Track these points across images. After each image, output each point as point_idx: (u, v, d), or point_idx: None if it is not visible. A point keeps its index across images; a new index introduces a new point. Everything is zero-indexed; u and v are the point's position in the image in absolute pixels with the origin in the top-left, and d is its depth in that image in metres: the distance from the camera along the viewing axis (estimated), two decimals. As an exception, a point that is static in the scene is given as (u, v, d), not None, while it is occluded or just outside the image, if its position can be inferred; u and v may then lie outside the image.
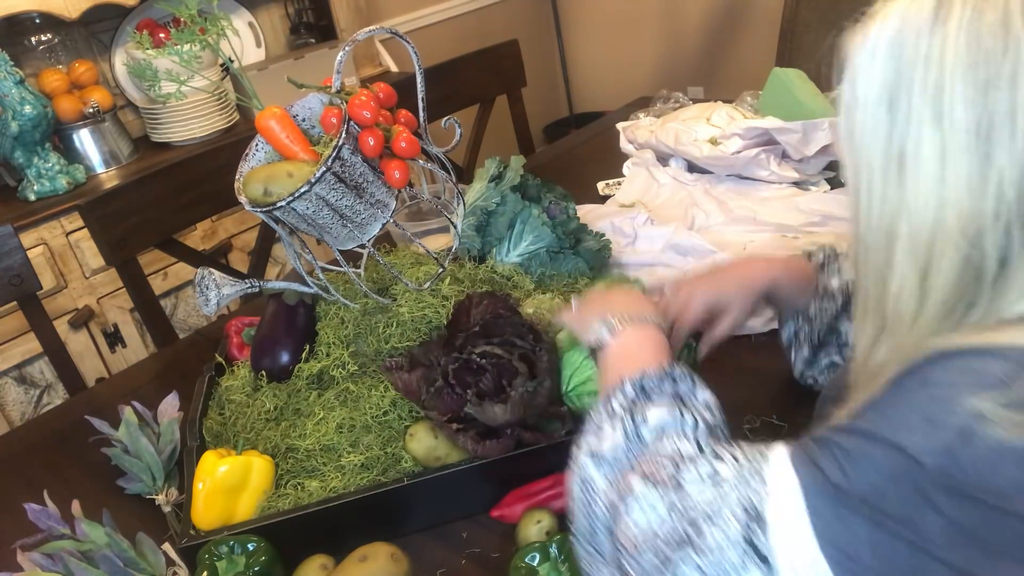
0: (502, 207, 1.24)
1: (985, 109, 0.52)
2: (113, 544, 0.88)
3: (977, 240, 0.53)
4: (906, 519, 0.50)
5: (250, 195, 0.94)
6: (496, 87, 2.14)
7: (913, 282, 0.57)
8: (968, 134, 0.52)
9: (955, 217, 0.53)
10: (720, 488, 0.58)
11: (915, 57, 0.54)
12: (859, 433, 0.54)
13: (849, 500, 0.52)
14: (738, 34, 3.31)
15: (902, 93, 0.55)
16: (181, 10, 0.99)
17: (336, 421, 0.98)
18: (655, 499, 0.60)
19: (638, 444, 0.66)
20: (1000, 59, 0.51)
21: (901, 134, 0.55)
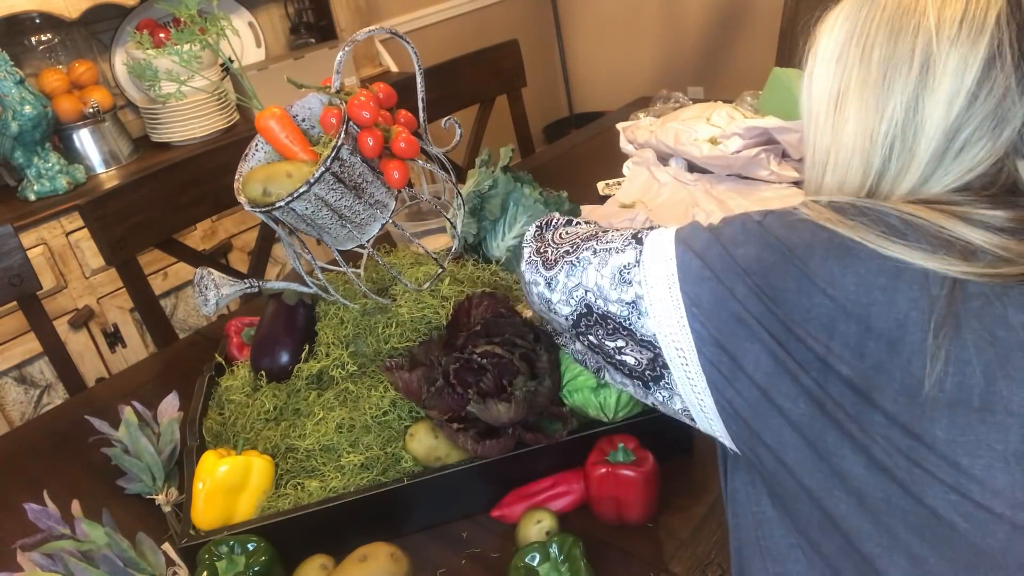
0: (494, 189, 1.24)
1: (894, 51, 0.63)
2: (113, 544, 0.88)
3: (870, 154, 0.65)
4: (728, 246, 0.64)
5: (249, 195, 0.94)
6: (496, 87, 2.14)
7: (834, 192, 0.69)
8: (878, 71, 0.64)
9: (860, 140, 0.66)
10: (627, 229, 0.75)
11: (858, 18, 0.66)
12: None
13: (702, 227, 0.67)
14: (738, 34, 3.31)
15: (845, 48, 0.67)
16: (181, 10, 0.99)
17: (336, 421, 0.98)
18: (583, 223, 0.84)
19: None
20: (911, 15, 0.63)
21: (839, 80, 0.67)
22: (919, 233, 0.59)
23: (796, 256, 0.60)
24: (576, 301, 0.72)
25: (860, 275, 0.58)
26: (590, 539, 0.84)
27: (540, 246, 0.80)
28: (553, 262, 0.75)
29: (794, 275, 0.60)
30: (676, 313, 0.64)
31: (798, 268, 0.60)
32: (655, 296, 0.66)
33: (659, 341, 0.66)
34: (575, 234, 0.78)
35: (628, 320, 0.68)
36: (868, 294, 0.57)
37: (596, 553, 0.84)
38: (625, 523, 0.87)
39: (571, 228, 0.82)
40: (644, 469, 0.85)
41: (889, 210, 0.61)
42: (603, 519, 0.88)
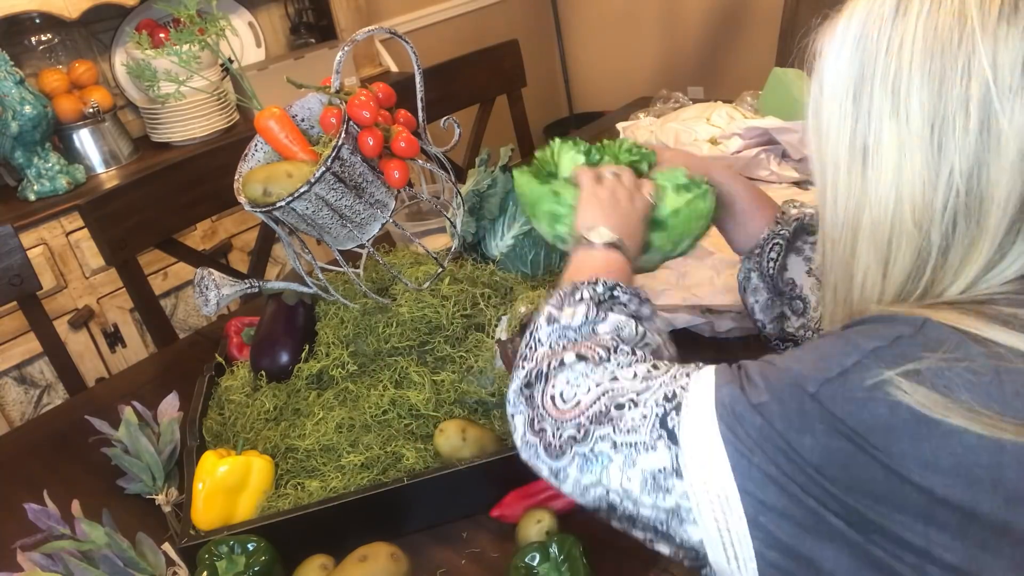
0: (493, 188, 1.24)
1: (940, 100, 0.53)
2: (113, 544, 0.88)
3: (927, 231, 0.55)
4: (786, 434, 0.54)
5: (249, 195, 0.94)
6: (496, 87, 2.14)
7: (876, 271, 0.59)
8: (923, 126, 0.54)
9: (910, 209, 0.56)
10: (650, 382, 0.62)
11: (877, 50, 0.56)
12: (766, 363, 0.59)
13: (748, 403, 0.56)
14: (738, 34, 3.31)
15: (865, 86, 0.56)
16: (180, 10, 0.99)
17: (335, 421, 0.98)
18: (582, 371, 0.66)
19: (590, 332, 0.71)
20: (956, 50, 0.52)
21: (864, 127, 0.57)
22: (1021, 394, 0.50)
23: (875, 446, 0.51)
24: (594, 498, 0.62)
25: (957, 456, 0.49)
26: (590, 539, 0.84)
27: (532, 416, 0.67)
28: (559, 450, 0.63)
29: (878, 466, 0.51)
30: (735, 523, 0.55)
31: (881, 459, 0.51)
32: (704, 507, 0.56)
33: (706, 547, 0.57)
34: (576, 404, 0.64)
35: (666, 525, 0.59)
36: (969, 475, 0.49)
37: (596, 553, 0.84)
38: (625, 523, 0.87)
39: (564, 381, 0.66)
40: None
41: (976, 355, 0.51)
42: (603, 519, 0.88)
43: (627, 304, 0.74)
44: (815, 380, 0.54)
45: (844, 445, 0.52)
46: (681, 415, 0.58)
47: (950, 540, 0.50)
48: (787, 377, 0.55)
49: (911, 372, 0.51)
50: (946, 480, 0.49)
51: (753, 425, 0.55)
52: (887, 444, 0.51)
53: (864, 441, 0.51)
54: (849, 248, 0.60)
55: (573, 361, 0.67)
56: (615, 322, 0.71)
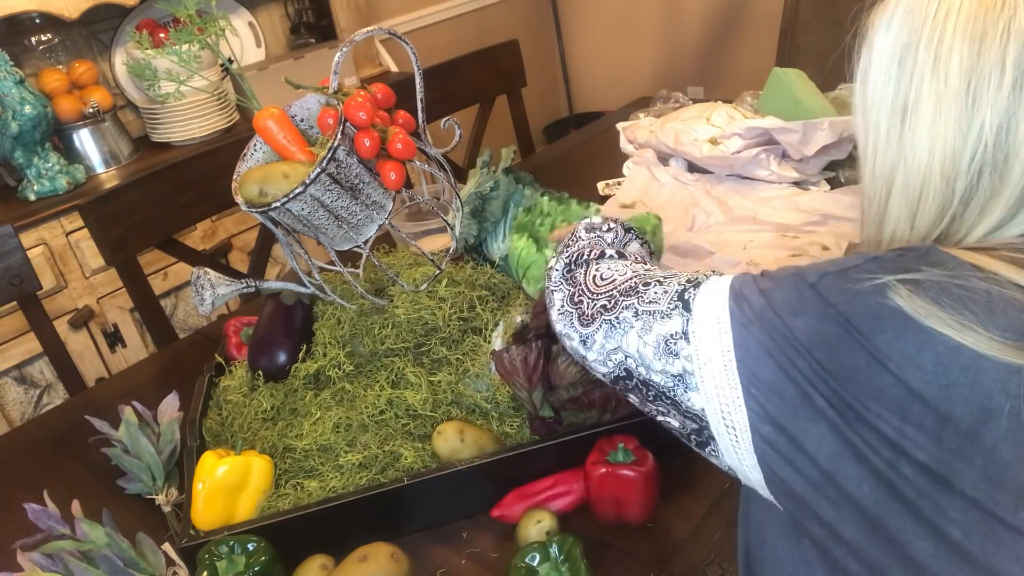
0: (495, 191, 1.24)
1: (978, 59, 0.55)
2: (113, 544, 0.88)
3: (953, 182, 0.58)
4: (782, 314, 0.58)
5: (246, 195, 0.94)
6: (496, 87, 2.14)
7: (904, 224, 0.62)
8: (960, 82, 0.56)
9: (939, 162, 0.58)
10: (678, 275, 0.69)
11: (925, 17, 0.58)
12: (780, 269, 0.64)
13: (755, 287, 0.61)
14: (738, 34, 3.31)
15: (911, 50, 0.59)
16: (180, 10, 0.99)
17: (332, 421, 0.98)
18: (622, 264, 0.76)
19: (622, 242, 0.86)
20: (998, 12, 0.55)
21: (905, 88, 0.59)
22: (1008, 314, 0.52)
23: (862, 333, 0.54)
24: (615, 364, 0.68)
25: (938, 353, 0.52)
26: (590, 539, 0.84)
27: (574, 292, 0.74)
28: (590, 318, 0.70)
29: (862, 353, 0.54)
30: (731, 392, 0.59)
31: (865, 346, 0.54)
32: (706, 373, 0.61)
33: (707, 416, 0.62)
34: (612, 281, 0.72)
35: (673, 392, 0.64)
36: (947, 375, 0.52)
37: (596, 553, 0.84)
38: (625, 523, 0.87)
39: (605, 267, 0.75)
40: (644, 469, 0.85)
41: (971, 276, 0.53)
42: (603, 519, 0.88)
43: (640, 244, 0.86)
44: (816, 272, 0.58)
45: (833, 328, 0.55)
46: (699, 290, 0.64)
47: (925, 440, 0.52)
48: (793, 270, 0.60)
49: (907, 280, 0.54)
50: (924, 376, 0.52)
51: (756, 304, 0.59)
52: (872, 333, 0.54)
53: (851, 327, 0.54)
54: (883, 204, 0.63)
55: (613, 254, 0.79)
56: (638, 247, 0.84)
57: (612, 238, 0.85)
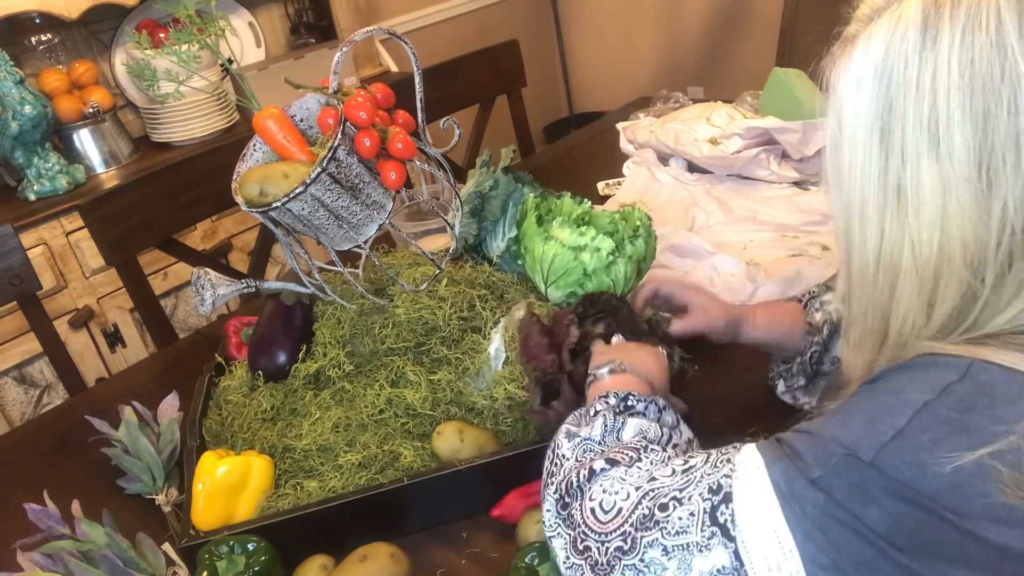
0: (495, 190, 1.24)
1: (986, 138, 0.50)
2: (113, 544, 0.88)
3: (979, 270, 0.53)
4: (850, 507, 0.52)
5: (246, 195, 0.94)
6: (496, 87, 2.14)
7: (920, 312, 0.56)
8: (969, 164, 0.50)
9: (960, 250, 0.52)
10: (690, 475, 0.59)
11: (906, 85, 0.52)
12: (809, 432, 0.56)
13: (805, 480, 0.54)
14: (738, 34, 3.31)
15: (894, 123, 0.53)
16: (180, 10, 0.99)
17: (332, 420, 0.98)
18: (617, 476, 0.62)
19: (615, 440, 0.69)
20: (998, 83, 0.49)
21: (897, 167, 0.53)
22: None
23: (947, 508, 0.49)
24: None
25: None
26: (589, 539, 0.84)
27: (575, 537, 0.62)
28: (607, 567, 0.59)
29: (950, 528, 0.49)
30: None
31: (952, 520, 0.49)
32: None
33: None
34: (617, 512, 0.60)
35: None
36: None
37: (595, 553, 0.84)
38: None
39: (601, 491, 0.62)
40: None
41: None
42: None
43: (645, 412, 0.72)
44: (870, 446, 0.51)
45: (913, 511, 0.50)
46: (734, 505, 0.55)
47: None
48: (838, 447, 0.53)
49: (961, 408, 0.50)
50: (1016, 533, 0.48)
51: (816, 503, 0.52)
52: (957, 504, 0.49)
53: (934, 503, 0.49)
54: (887, 290, 0.57)
55: (604, 467, 0.64)
56: (637, 426, 0.69)
57: (600, 432, 0.70)
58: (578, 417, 0.74)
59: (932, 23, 0.51)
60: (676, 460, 0.62)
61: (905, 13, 0.52)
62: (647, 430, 0.69)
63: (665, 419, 0.72)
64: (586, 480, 0.64)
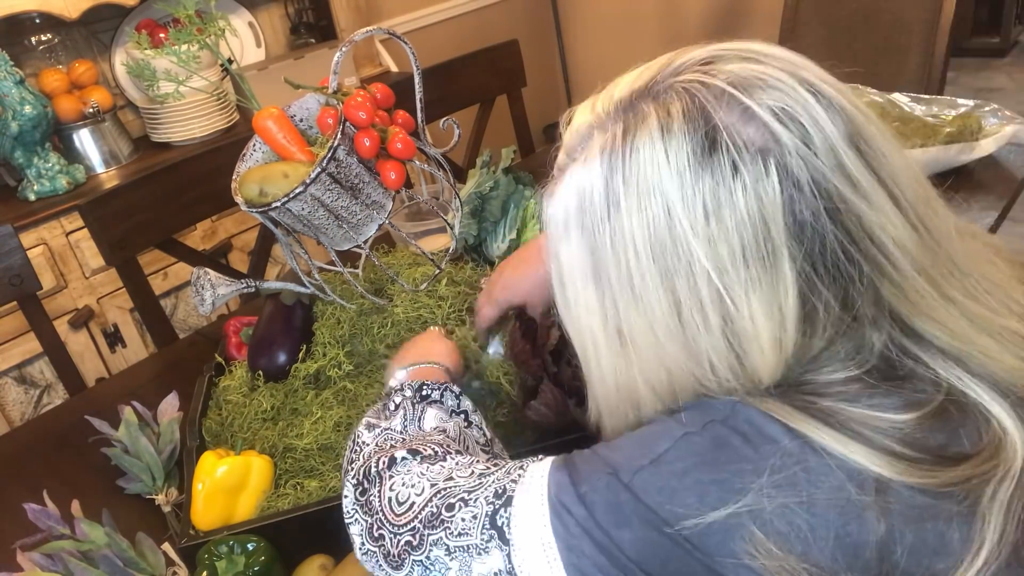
0: (495, 191, 1.24)
1: (674, 299, 0.52)
2: (113, 544, 0.88)
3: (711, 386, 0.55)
4: (606, 527, 0.53)
5: (246, 195, 0.94)
6: (496, 87, 2.14)
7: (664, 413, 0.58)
8: (668, 322, 0.53)
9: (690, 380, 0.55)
10: (484, 479, 0.60)
11: (603, 241, 0.54)
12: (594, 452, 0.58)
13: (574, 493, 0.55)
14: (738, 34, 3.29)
15: (601, 275, 0.55)
16: (179, 10, 0.99)
17: (333, 420, 0.98)
18: (417, 470, 0.63)
19: (417, 430, 0.71)
20: (675, 250, 0.52)
21: (612, 313, 0.56)
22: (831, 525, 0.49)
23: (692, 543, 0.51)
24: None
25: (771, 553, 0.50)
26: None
27: (371, 523, 0.63)
28: (398, 559, 0.60)
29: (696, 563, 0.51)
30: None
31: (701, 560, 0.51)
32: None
33: None
34: (410, 506, 0.61)
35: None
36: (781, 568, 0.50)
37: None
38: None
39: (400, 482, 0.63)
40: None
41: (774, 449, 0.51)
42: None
43: (442, 400, 0.74)
44: (629, 469, 0.54)
45: (661, 540, 0.51)
46: (512, 509, 0.57)
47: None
48: (604, 466, 0.55)
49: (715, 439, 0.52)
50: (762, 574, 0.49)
51: (579, 516, 0.54)
52: (703, 543, 0.50)
53: (680, 536, 0.51)
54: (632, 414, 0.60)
55: (405, 456, 0.65)
56: (436, 416, 0.71)
57: (400, 423, 0.72)
58: (378, 412, 0.75)
59: (611, 187, 0.54)
60: (479, 464, 0.63)
61: (591, 166, 0.55)
62: (446, 423, 0.71)
63: (464, 404, 0.75)
64: (386, 467, 0.65)
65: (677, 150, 0.51)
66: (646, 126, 0.53)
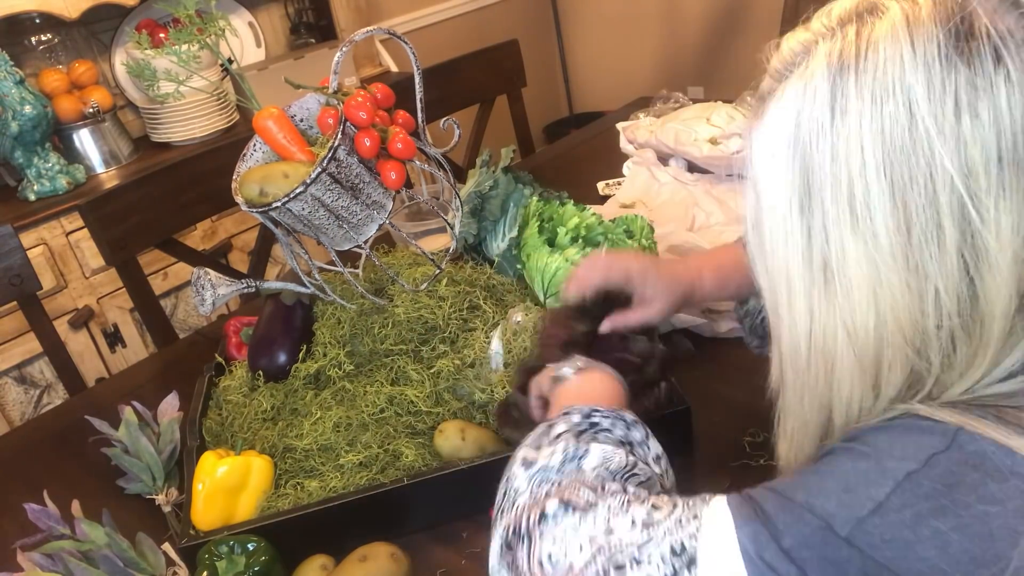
0: (495, 189, 1.24)
1: (906, 216, 0.46)
2: (113, 544, 0.88)
3: (923, 350, 0.49)
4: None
5: (246, 195, 0.94)
6: (496, 87, 2.14)
7: (866, 395, 0.53)
8: (893, 246, 0.47)
9: (898, 331, 0.49)
10: (651, 530, 0.53)
11: (821, 157, 0.49)
12: (781, 494, 0.52)
13: (777, 549, 0.49)
14: (738, 34, 3.31)
15: (814, 197, 0.49)
16: (179, 10, 0.99)
17: (333, 420, 0.98)
18: (571, 524, 0.56)
19: (575, 468, 0.61)
20: (911, 158, 0.46)
21: (820, 243, 0.50)
22: None
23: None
24: None
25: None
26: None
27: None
28: None
29: None
30: None
31: None
32: None
33: None
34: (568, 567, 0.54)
35: None
36: None
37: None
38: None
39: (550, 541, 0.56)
40: (643, 469, 0.85)
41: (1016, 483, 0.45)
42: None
43: (611, 429, 0.65)
44: (846, 519, 0.47)
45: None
46: (698, 570, 0.50)
47: None
48: (812, 516, 0.49)
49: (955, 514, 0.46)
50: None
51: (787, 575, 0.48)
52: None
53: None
54: (823, 376, 0.53)
55: (557, 511, 0.56)
56: (601, 453, 0.61)
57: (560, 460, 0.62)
58: (538, 437, 0.66)
59: (839, 91, 0.48)
60: (637, 508, 0.55)
61: (812, 75, 0.49)
62: (610, 459, 0.61)
63: (633, 435, 0.67)
64: (536, 524, 0.57)
65: (926, 39, 0.45)
66: (887, 18, 0.47)
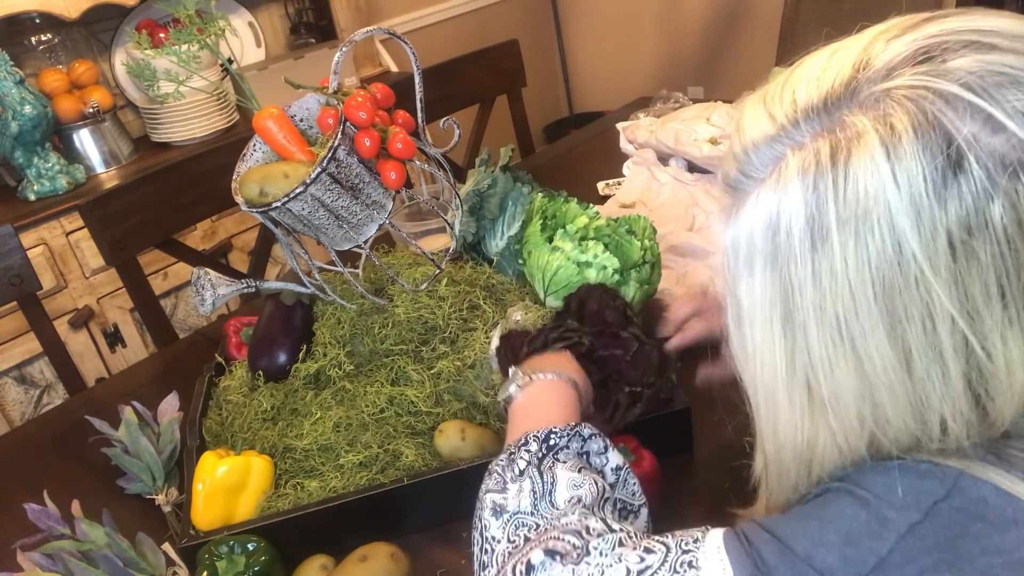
0: (493, 188, 1.24)
1: (903, 346, 0.45)
2: (113, 544, 0.88)
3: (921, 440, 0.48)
4: None
5: (246, 195, 0.94)
6: (496, 87, 2.14)
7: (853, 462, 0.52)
8: (889, 372, 0.45)
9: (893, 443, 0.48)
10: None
11: (799, 281, 0.47)
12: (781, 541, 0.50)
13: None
14: (738, 34, 3.31)
15: (795, 317, 0.48)
16: (179, 10, 0.99)
17: (333, 420, 0.98)
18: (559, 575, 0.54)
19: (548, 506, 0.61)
20: (903, 292, 0.44)
21: (804, 365, 0.48)
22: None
23: None
24: None
25: None
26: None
27: None
28: None
29: None
30: None
31: None
32: None
33: None
34: None
35: None
36: None
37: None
38: (624, 523, 0.87)
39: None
40: (644, 469, 0.85)
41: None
42: (602, 519, 0.88)
43: (568, 447, 0.65)
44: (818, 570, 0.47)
45: None
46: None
47: None
48: (811, 569, 0.47)
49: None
50: None
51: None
52: None
53: None
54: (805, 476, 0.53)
55: (544, 561, 0.55)
56: (569, 482, 0.61)
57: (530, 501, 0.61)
58: (501, 475, 0.64)
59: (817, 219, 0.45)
60: (630, 553, 0.54)
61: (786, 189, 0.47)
62: (580, 486, 0.61)
63: (591, 446, 0.66)
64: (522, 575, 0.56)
65: (910, 175, 0.43)
66: (863, 146, 0.44)
